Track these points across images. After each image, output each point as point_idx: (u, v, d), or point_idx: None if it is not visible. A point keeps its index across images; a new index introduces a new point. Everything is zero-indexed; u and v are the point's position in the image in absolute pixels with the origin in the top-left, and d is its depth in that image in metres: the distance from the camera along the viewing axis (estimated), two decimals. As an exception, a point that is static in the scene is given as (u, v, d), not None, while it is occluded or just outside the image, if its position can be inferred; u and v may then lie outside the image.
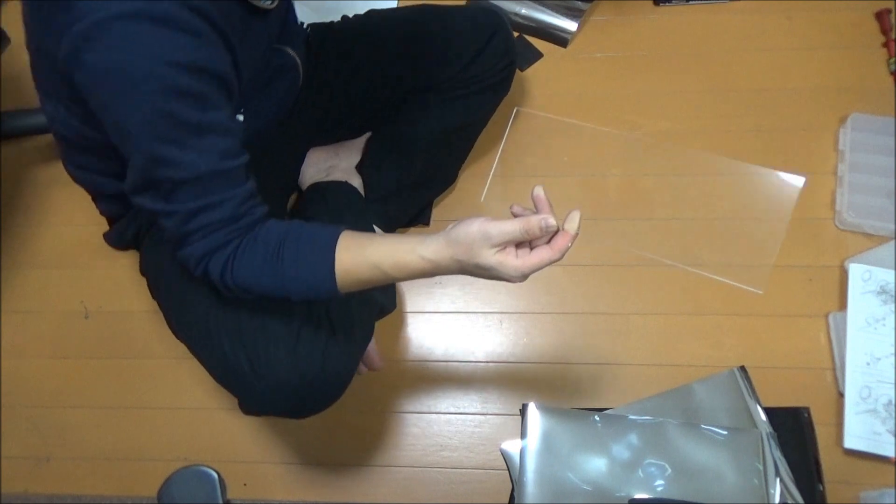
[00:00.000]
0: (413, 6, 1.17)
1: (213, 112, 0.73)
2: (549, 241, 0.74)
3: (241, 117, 0.92)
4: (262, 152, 1.07)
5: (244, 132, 0.94)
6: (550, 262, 0.74)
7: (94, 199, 1.03)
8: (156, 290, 1.03)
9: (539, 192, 0.75)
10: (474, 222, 0.73)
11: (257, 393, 0.90)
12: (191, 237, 0.77)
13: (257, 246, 0.78)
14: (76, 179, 0.98)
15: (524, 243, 0.75)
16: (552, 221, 0.72)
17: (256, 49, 0.89)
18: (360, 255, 0.78)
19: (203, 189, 0.74)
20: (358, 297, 0.93)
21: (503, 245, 0.73)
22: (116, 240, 1.05)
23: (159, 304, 1.02)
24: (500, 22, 1.15)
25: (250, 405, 0.98)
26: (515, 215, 0.75)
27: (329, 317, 0.92)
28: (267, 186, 0.95)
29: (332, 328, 0.92)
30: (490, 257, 0.73)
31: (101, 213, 1.05)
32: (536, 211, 0.75)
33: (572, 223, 0.74)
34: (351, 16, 1.18)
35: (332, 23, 1.17)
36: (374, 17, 1.17)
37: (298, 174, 1.28)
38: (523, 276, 0.74)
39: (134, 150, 0.73)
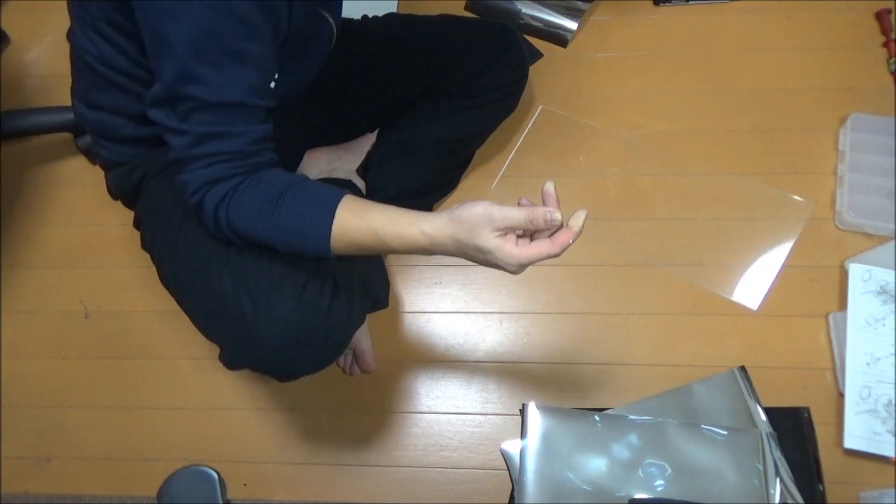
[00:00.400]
0: (432, 15, 1.20)
1: (257, 44, 0.74)
2: (550, 236, 0.74)
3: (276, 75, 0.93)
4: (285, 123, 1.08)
5: (274, 92, 0.95)
6: (549, 256, 0.73)
7: (99, 147, 0.99)
8: (152, 237, 0.98)
9: (549, 187, 0.75)
10: (480, 204, 0.73)
11: (254, 335, 0.85)
12: (196, 162, 0.76)
13: (260, 187, 0.77)
14: (87, 121, 0.96)
15: (525, 235, 0.74)
16: (557, 216, 0.72)
17: (309, 1, 0.89)
18: (361, 217, 0.77)
19: (222, 116, 0.75)
20: (360, 277, 0.92)
21: (505, 231, 0.72)
22: (119, 182, 1.00)
23: (152, 254, 0.99)
24: (515, 38, 1.19)
25: (239, 352, 0.90)
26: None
27: (334, 276, 0.90)
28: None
29: (336, 286, 0.89)
30: (490, 240, 0.72)
31: (105, 162, 1.01)
32: (544, 205, 0.75)
33: (577, 220, 0.74)
34: (359, 18, 1.20)
35: (352, 19, 1.18)
36: (393, 20, 1.20)
37: (296, 171, 1.28)
38: (519, 266, 0.74)
39: (168, 61, 0.73)
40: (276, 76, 0.88)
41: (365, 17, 1.20)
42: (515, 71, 1.19)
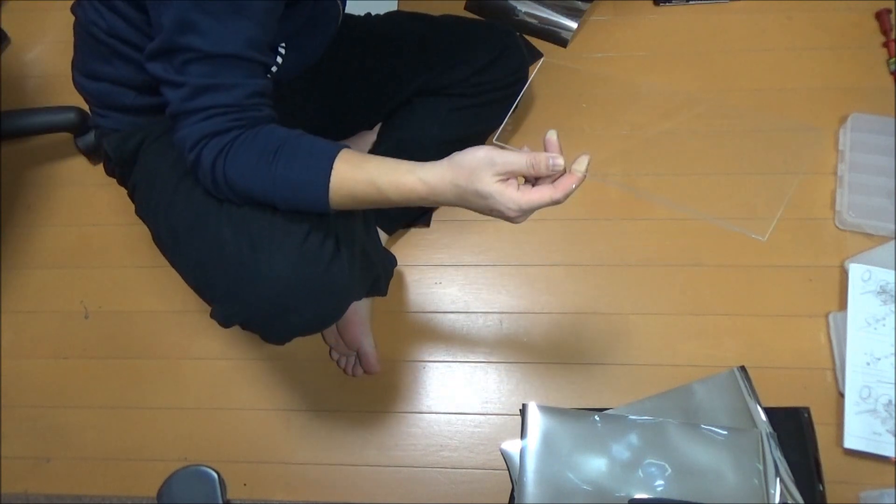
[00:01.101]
0: (434, 15, 1.21)
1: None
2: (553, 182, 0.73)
3: (282, 50, 0.92)
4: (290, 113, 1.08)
5: (278, 71, 0.93)
6: (551, 202, 0.71)
7: (98, 117, 0.97)
8: (147, 198, 0.95)
9: (552, 136, 0.74)
10: (481, 149, 0.71)
11: (251, 279, 0.82)
12: (192, 116, 0.76)
13: (257, 141, 0.76)
14: (86, 91, 0.96)
15: (527, 183, 0.73)
16: (560, 161, 0.70)
17: None
18: (358, 167, 0.76)
19: (219, 68, 0.74)
20: (362, 250, 0.89)
21: (506, 175, 0.71)
22: (117, 147, 0.96)
23: (146, 215, 0.96)
24: (514, 40, 1.20)
25: (234, 302, 0.85)
26: None
27: (337, 234, 0.87)
28: None
29: (338, 243, 0.86)
30: (491, 184, 0.70)
31: (103, 130, 0.98)
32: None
33: (580, 165, 0.72)
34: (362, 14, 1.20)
35: (353, 15, 1.18)
36: (395, 18, 1.20)
37: None
38: (521, 211, 0.72)
39: (169, 9, 0.72)
40: (284, 48, 0.88)
41: (368, 14, 1.21)
42: (515, 72, 1.20)
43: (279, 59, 0.92)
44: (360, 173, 0.76)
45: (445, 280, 1.28)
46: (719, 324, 1.20)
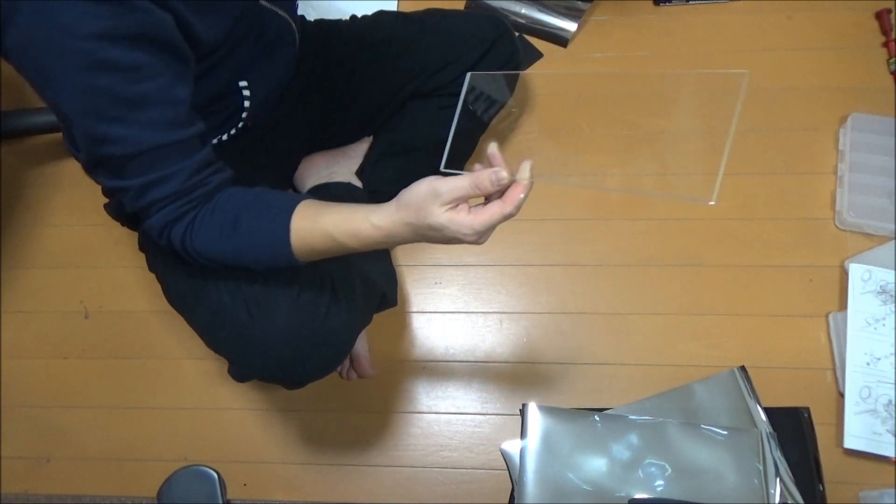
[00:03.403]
0: (420, 11, 1.18)
1: (151, 81, 0.69)
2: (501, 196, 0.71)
3: (244, 83, 0.91)
4: (261, 147, 1.07)
5: (252, 105, 0.92)
6: (505, 217, 0.69)
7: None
8: (153, 258, 1.00)
9: (493, 149, 0.71)
10: (423, 182, 0.70)
11: (254, 344, 0.86)
12: (148, 210, 0.76)
13: (214, 216, 0.76)
14: (75, 157, 0.96)
15: (482, 204, 0.71)
16: (503, 174, 0.68)
17: (222, 4, 0.83)
18: (314, 223, 0.75)
19: (152, 162, 0.72)
20: (361, 279, 0.91)
21: (454, 202, 0.69)
22: (115, 211, 1.02)
23: (156, 274, 0.99)
24: (504, 29, 1.16)
25: (243, 363, 0.91)
26: None
27: (332, 281, 0.90)
28: (264, 165, 0.93)
29: (334, 291, 0.89)
30: (441, 216, 0.69)
31: (104, 189, 0.98)
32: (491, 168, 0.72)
33: (524, 172, 0.70)
34: (359, 16, 1.19)
35: (339, 21, 1.17)
36: (381, 19, 1.17)
37: (292, 177, 1.28)
38: (478, 234, 0.70)
39: (75, 130, 0.71)
40: (246, 84, 0.86)
41: (353, 17, 1.18)
42: (507, 64, 1.16)
43: (245, 94, 0.92)
44: (317, 229, 0.75)
45: (445, 280, 1.28)
46: (719, 324, 1.20)
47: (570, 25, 1.43)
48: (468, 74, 0.83)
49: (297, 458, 1.18)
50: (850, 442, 1.08)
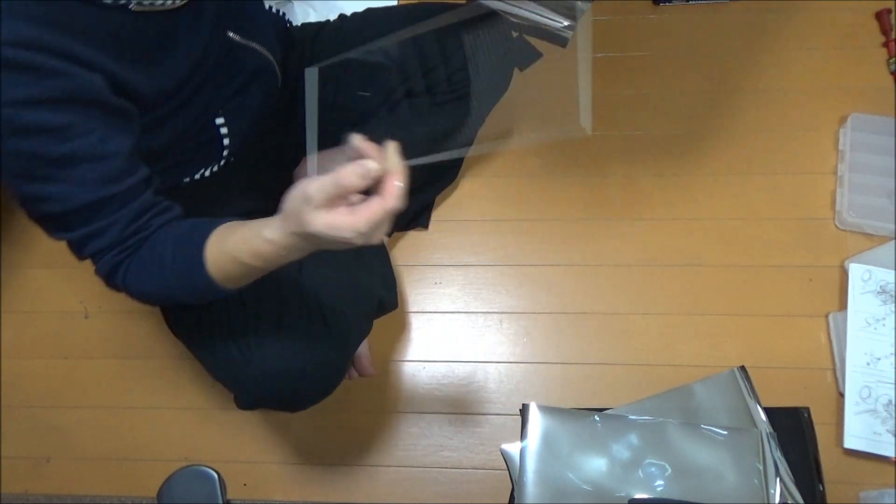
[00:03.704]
0: (410, 5, 1.16)
1: (81, 139, 0.67)
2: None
3: (221, 120, 0.91)
4: (253, 168, 1.07)
5: (231, 141, 0.92)
6: (387, 211, 0.61)
7: None
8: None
9: (355, 141, 0.63)
10: (297, 186, 0.62)
11: (248, 382, 0.89)
12: (92, 259, 0.76)
13: (145, 260, 0.75)
14: None
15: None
16: (371, 165, 0.60)
17: (173, 52, 0.80)
18: (221, 249, 0.72)
19: (88, 215, 0.71)
20: (352, 290, 0.90)
21: (327, 204, 0.61)
22: None
23: (162, 312, 1.01)
24: (493, 19, 1.13)
25: (243, 396, 0.95)
26: None
27: (321, 309, 0.91)
28: (259, 183, 0.92)
29: (324, 319, 0.91)
30: (317, 222, 0.61)
31: None
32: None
33: (392, 159, 0.62)
34: (349, 14, 1.17)
35: (326, 22, 1.15)
36: (371, 17, 1.15)
37: (286, 189, 1.26)
38: (364, 235, 0.61)
39: (10, 192, 0.70)
40: (222, 119, 0.86)
41: (342, 15, 1.15)
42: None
43: (223, 131, 0.92)
44: (224, 254, 0.71)
45: (445, 280, 1.28)
46: (719, 324, 1.20)
47: (570, 25, 1.43)
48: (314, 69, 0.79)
49: (297, 458, 1.18)
50: (850, 442, 1.08)
